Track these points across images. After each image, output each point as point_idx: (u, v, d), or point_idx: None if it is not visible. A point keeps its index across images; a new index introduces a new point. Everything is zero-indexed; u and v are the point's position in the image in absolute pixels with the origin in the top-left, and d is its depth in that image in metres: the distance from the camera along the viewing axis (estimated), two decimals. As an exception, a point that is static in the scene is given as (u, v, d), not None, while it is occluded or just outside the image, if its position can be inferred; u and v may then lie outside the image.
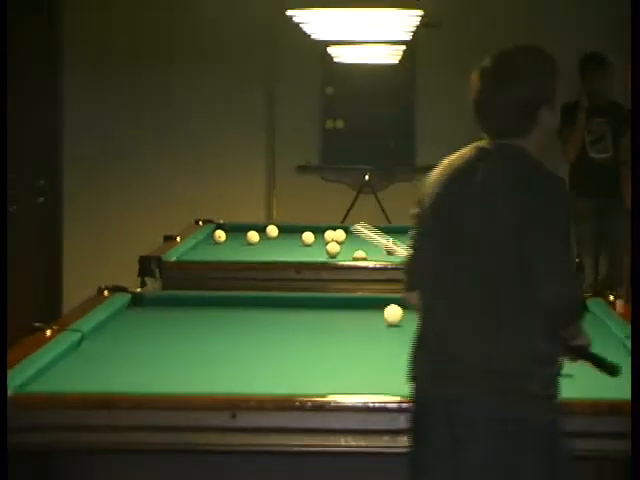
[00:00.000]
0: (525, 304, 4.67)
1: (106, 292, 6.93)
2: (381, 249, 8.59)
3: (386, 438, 4.71)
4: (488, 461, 4.44)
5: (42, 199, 12.42)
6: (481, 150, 5.15)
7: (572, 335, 4.79)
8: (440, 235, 4.94)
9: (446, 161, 5.08)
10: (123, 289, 7.04)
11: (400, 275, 4.93)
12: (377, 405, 4.73)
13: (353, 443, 4.70)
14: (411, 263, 5.10)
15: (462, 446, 4.52)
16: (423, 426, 4.59)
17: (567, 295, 4.71)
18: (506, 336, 4.65)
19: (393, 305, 6.18)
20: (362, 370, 5.41)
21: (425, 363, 4.69)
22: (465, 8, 12.00)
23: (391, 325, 6.19)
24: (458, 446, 4.45)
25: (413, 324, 4.71)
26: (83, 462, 4.74)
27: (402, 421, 4.67)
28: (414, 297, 5.20)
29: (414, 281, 5.05)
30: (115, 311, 6.58)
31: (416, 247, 5.19)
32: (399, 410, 4.70)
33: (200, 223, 10.05)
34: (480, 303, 4.70)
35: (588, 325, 6.44)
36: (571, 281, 4.80)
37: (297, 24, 9.12)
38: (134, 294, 7.02)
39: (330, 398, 4.72)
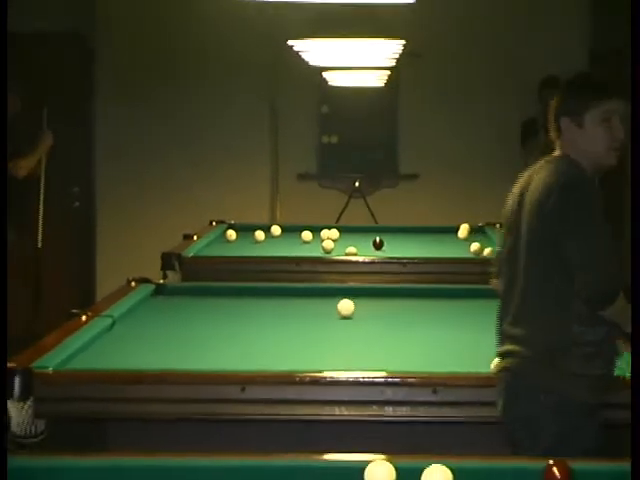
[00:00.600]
0: (563, 295, 4.73)
1: (133, 283, 6.94)
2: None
3: (374, 407, 4.71)
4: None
5: (77, 204, 12.42)
6: (540, 162, 5.19)
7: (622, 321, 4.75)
8: (509, 236, 5.09)
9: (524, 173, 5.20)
10: (148, 280, 7.06)
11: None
12: (366, 379, 4.74)
13: (345, 412, 4.71)
14: (496, 257, 5.27)
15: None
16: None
17: (597, 281, 4.70)
18: (545, 321, 4.72)
19: (345, 299, 6.15)
20: (353, 349, 5.42)
21: (497, 340, 4.86)
22: (443, 40, 11.99)
23: (344, 317, 6.13)
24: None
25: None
26: (114, 429, 4.75)
27: (389, 393, 4.69)
28: (496, 284, 5.31)
29: (497, 271, 5.23)
30: (141, 299, 6.57)
31: (500, 244, 5.44)
32: (385, 384, 4.70)
33: (214, 223, 10.04)
34: (528, 294, 4.79)
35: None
36: (600, 268, 4.76)
37: (297, 52, 9.18)
38: (157, 285, 7.03)
39: (325, 374, 4.73)
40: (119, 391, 4.76)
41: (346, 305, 5.94)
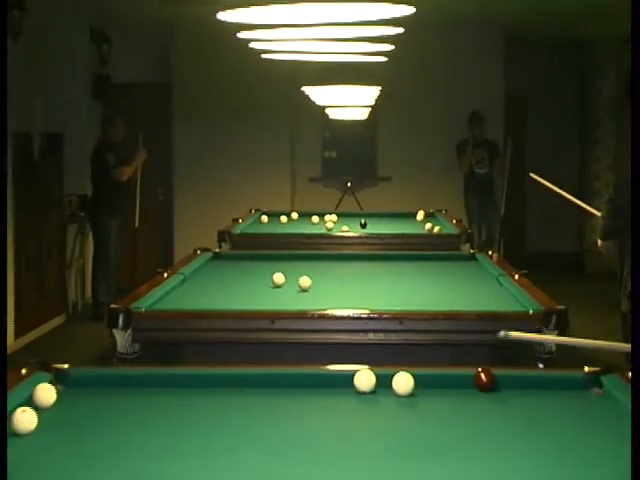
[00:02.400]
0: None
1: (198, 251, 6.91)
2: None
3: (360, 334, 4.67)
4: None
5: (161, 198, 12.45)
6: None
7: None
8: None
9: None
10: (208, 250, 7.05)
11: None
12: (355, 315, 4.72)
13: (341, 337, 4.70)
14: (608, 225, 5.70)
15: None
16: None
17: None
18: None
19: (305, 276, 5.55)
20: (346, 295, 5.37)
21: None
22: (406, 86, 11.96)
23: (303, 290, 5.49)
24: None
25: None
26: (186, 349, 4.76)
27: (370, 324, 4.65)
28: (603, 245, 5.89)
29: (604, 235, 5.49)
30: (203, 262, 6.55)
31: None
32: (367, 318, 4.66)
33: (252, 211, 10.02)
34: None
35: (475, 272, 6.54)
36: None
37: (307, 95, 9.17)
38: (215, 253, 7.00)
39: (328, 312, 4.71)
40: (189, 324, 4.76)
41: (305, 280, 5.68)
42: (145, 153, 10.55)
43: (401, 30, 5.88)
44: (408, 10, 4.54)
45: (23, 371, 3.40)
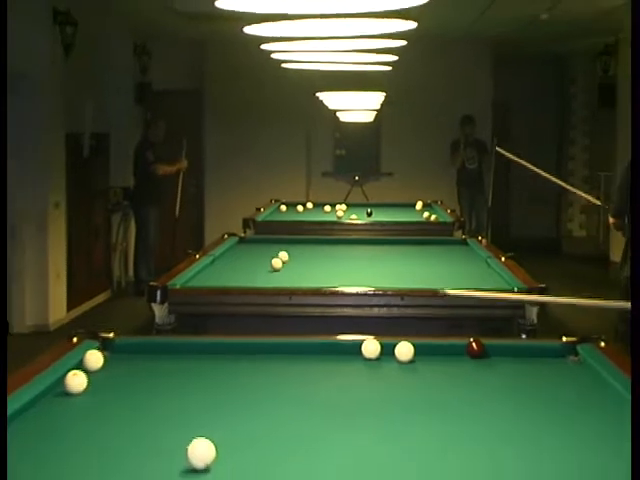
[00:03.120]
0: None
1: (226, 236, 6.89)
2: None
3: (366, 309, 4.66)
4: None
5: (194, 189, 12.45)
6: None
7: None
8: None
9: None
10: (235, 235, 7.04)
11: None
12: (361, 292, 4.71)
13: (350, 312, 4.70)
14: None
15: None
16: None
17: None
18: None
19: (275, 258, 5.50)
20: (354, 274, 5.35)
21: None
22: (407, 93, 11.90)
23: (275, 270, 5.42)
24: None
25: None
26: (215, 321, 4.72)
27: (374, 300, 4.63)
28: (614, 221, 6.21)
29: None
30: (230, 246, 6.51)
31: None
32: (372, 295, 4.63)
33: (273, 201, 9.98)
34: None
35: (467, 254, 6.53)
36: None
37: (321, 100, 9.15)
38: (240, 237, 7.00)
39: (339, 289, 4.67)
40: (217, 299, 4.75)
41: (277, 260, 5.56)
42: (186, 163, 10.50)
43: (404, 43, 5.86)
44: (411, 25, 4.52)
45: (74, 340, 3.42)
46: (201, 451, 2.24)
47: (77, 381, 2.90)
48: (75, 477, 2.26)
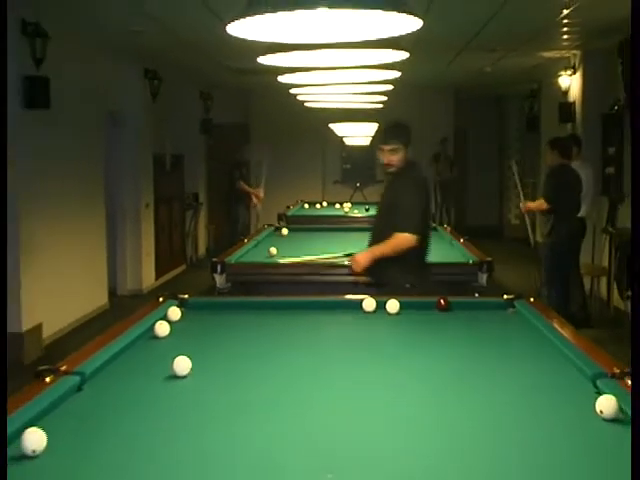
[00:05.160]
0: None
1: (265, 226, 6.90)
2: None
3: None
4: None
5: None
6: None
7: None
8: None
9: None
10: (272, 225, 7.02)
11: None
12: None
13: (355, 278, 4.66)
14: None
15: None
16: None
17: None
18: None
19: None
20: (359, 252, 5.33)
21: None
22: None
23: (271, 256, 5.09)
24: None
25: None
26: (259, 286, 4.63)
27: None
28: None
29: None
30: (268, 234, 6.49)
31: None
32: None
33: (299, 201, 9.95)
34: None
35: (436, 237, 6.46)
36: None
37: (332, 129, 9.10)
38: (276, 227, 6.93)
39: (347, 263, 4.60)
40: (260, 270, 4.74)
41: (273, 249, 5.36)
42: (262, 193, 9.83)
43: (391, 87, 5.81)
44: (396, 74, 4.48)
45: (160, 299, 3.42)
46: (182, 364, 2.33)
47: (162, 328, 2.90)
48: (163, 386, 2.26)
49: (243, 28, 2.08)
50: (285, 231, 6.61)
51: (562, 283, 6.37)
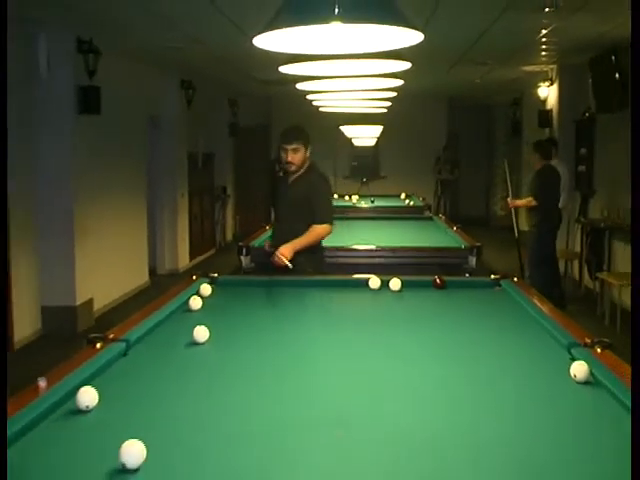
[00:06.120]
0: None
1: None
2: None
3: (373, 258, 4.63)
4: None
5: (265, 190, 12.36)
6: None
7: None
8: None
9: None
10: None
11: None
12: (367, 249, 4.66)
13: (363, 260, 4.59)
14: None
15: None
16: None
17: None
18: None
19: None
20: (366, 237, 5.30)
21: None
22: (397, 126, 11.69)
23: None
24: None
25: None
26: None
27: (377, 253, 4.55)
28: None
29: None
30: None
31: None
32: (375, 250, 4.61)
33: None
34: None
35: (432, 226, 6.42)
36: None
37: (342, 131, 9.03)
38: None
39: (354, 247, 4.62)
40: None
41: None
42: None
43: (394, 94, 5.75)
44: (399, 82, 4.44)
45: (194, 277, 3.43)
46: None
47: (196, 302, 2.90)
48: (196, 351, 2.26)
49: (267, 41, 2.07)
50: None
51: (549, 266, 6.34)
